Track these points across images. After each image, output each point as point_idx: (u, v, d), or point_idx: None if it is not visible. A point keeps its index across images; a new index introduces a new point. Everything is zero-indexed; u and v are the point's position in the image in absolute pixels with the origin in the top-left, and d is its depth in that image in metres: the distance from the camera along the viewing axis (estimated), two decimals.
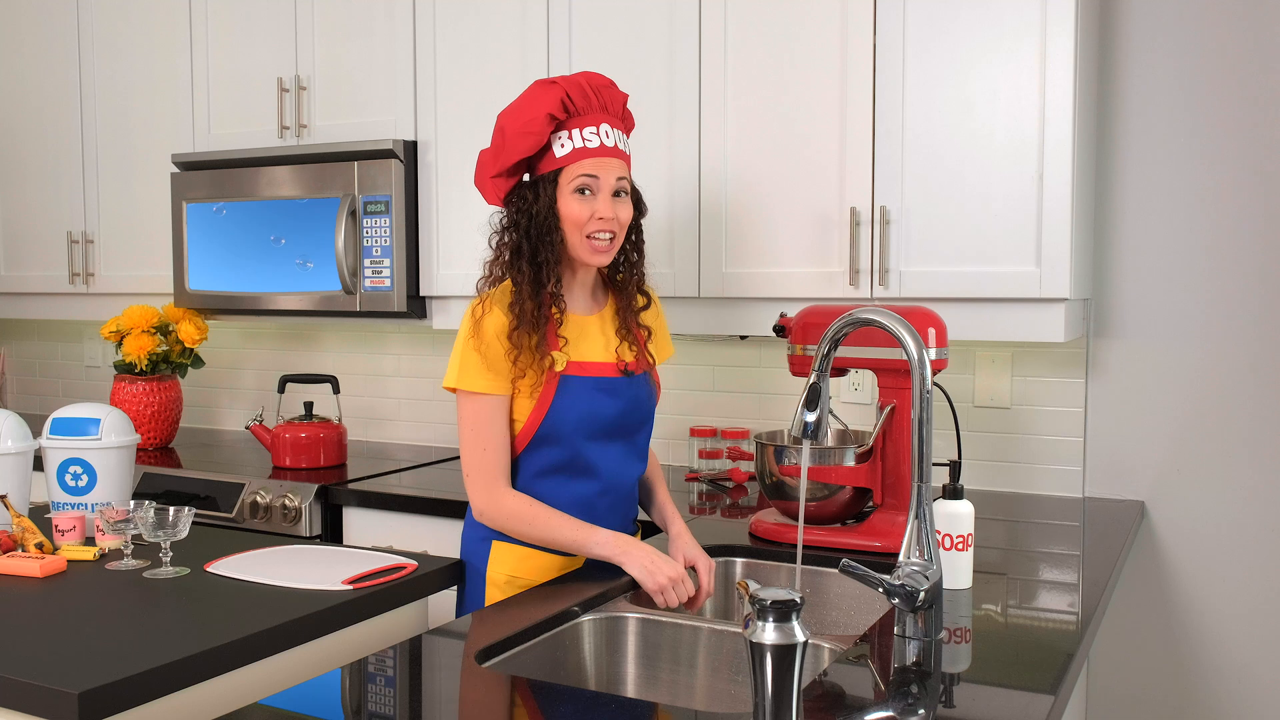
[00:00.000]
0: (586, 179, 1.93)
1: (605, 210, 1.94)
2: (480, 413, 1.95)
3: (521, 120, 1.93)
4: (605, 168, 1.94)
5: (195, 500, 2.93)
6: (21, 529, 1.99)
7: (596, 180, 1.93)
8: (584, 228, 1.94)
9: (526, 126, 1.92)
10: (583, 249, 1.95)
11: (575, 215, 1.93)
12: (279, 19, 3.21)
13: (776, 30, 2.55)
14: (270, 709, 1.33)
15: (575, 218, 1.93)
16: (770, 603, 1.22)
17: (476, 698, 1.39)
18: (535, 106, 1.93)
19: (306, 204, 3.09)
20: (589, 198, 1.94)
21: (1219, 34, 2.53)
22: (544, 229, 1.94)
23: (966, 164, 2.38)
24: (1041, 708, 1.34)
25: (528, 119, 1.93)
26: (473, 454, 1.96)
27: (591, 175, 1.93)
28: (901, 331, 1.59)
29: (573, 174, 1.93)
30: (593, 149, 1.93)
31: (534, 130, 1.92)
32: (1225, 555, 2.58)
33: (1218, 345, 2.57)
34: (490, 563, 2.00)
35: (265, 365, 3.78)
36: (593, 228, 1.94)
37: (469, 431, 1.97)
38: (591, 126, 1.94)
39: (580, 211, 1.93)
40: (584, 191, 1.93)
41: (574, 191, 1.93)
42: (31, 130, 3.77)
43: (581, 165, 1.93)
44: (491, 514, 1.95)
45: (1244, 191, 2.53)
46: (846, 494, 2.17)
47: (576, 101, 1.93)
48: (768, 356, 2.98)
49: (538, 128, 1.92)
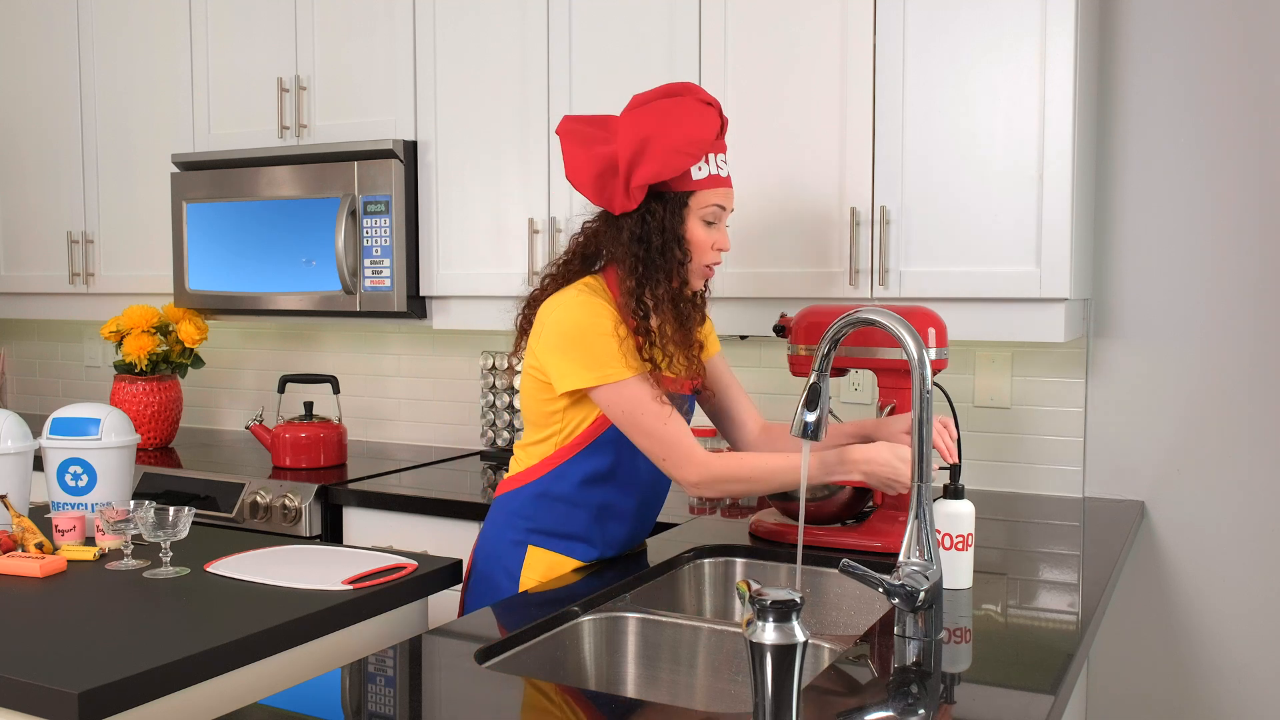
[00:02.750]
0: (717, 209, 1.95)
1: (726, 242, 1.98)
2: (640, 394, 1.89)
3: (680, 138, 1.88)
4: (728, 199, 1.97)
5: (195, 500, 2.93)
6: (21, 529, 1.99)
7: (724, 211, 1.96)
8: (706, 256, 1.96)
9: (689, 146, 1.88)
10: (698, 274, 1.98)
11: (702, 241, 1.95)
12: (279, 19, 3.21)
13: (776, 30, 2.55)
14: (270, 709, 1.33)
15: (701, 244, 1.95)
16: (770, 603, 1.22)
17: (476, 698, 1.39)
18: (698, 126, 1.89)
19: (306, 204, 3.10)
20: (714, 227, 1.96)
21: (1219, 34, 2.53)
22: (673, 247, 1.93)
23: (967, 164, 2.38)
24: (1041, 708, 1.34)
25: (689, 139, 1.88)
26: (658, 431, 1.89)
27: (721, 206, 1.95)
28: (901, 331, 1.59)
29: (706, 201, 1.94)
30: (724, 178, 1.95)
31: (695, 151, 1.89)
32: (1225, 555, 2.58)
33: (1218, 345, 2.57)
34: (525, 567, 2.00)
35: (265, 365, 3.78)
36: (712, 258, 1.97)
37: (642, 416, 1.89)
38: (722, 154, 1.96)
39: (706, 239, 1.95)
40: (711, 221, 1.96)
41: (705, 219, 1.95)
42: (31, 130, 3.77)
43: (716, 194, 1.94)
44: (710, 485, 1.90)
45: (1244, 191, 2.54)
46: (846, 494, 2.17)
47: (722, 127, 1.94)
48: (768, 356, 2.98)
49: (699, 149, 1.89)
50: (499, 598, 2.00)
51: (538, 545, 2.00)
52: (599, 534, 2.02)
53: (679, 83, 1.96)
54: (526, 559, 1.99)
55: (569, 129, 1.97)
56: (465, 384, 3.42)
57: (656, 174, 1.88)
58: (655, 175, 1.88)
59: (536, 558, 1.99)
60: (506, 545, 2.02)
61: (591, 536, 2.02)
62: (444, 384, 3.45)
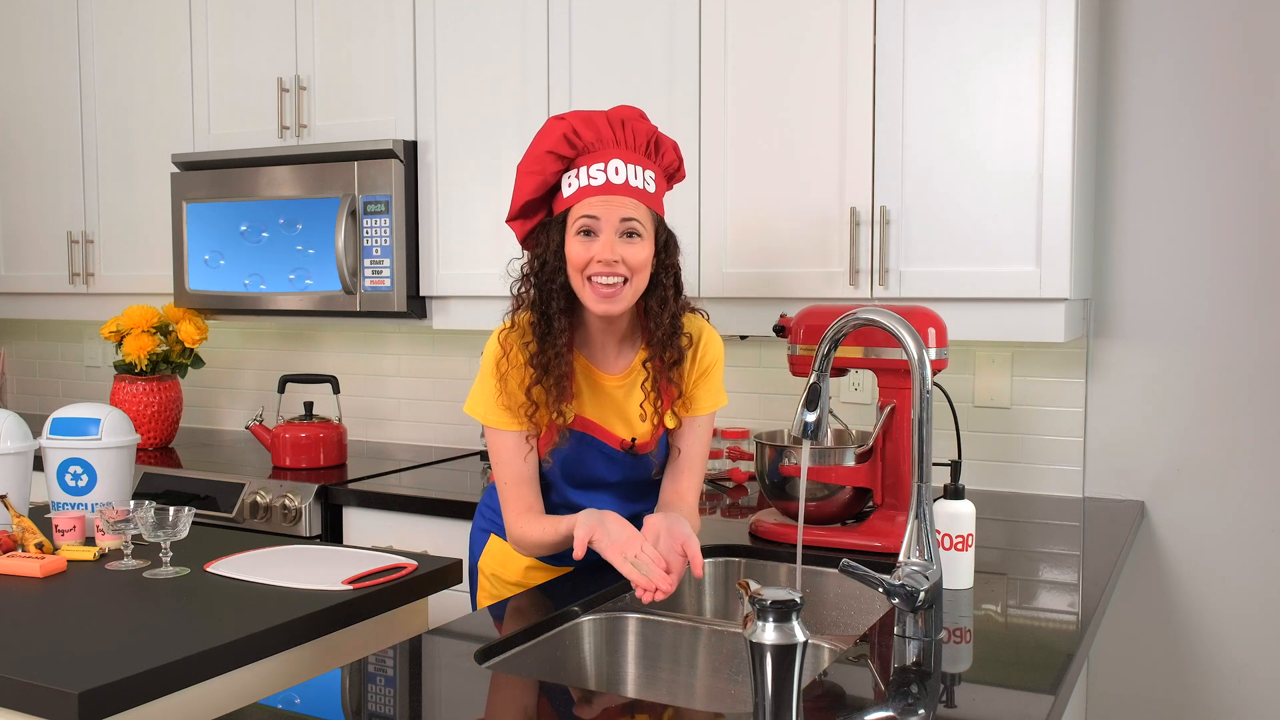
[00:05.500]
0: (587, 220, 1.77)
1: (605, 252, 1.76)
2: (504, 447, 1.89)
3: (528, 158, 1.83)
4: (610, 206, 1.77)
5: (195, 500, 2.93)
6: (21, 529, 1.99)
7: (598, 221, 1.77)
8: (584, 270, 1.78)
9: (530, 165, 1.82)
10: (587, 294, 1.79)
11: (575, 258, 1.78)
12: (279, 19, 3.21)
13: (776, 30, 2.55)
14: (270, 709, 1.33)
15: (575, 260, 1.78)
16: (770, 603, 1.22)
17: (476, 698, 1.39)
18: (539, 143, 1.82)
19: (306, 204, 3.09)
20: (591, 239, 1.78)
21: (1219, 34, 2.53)
22: (553, 271, 1.82)
23: (966, 164, 2.38)
24: (1041, 708, 1.34)
25: (532, 156, 1.83)
26: (503, 487, 1.91)
27: (591, 216, 1.77)
28: (901, 331, 1.59)
29: (576, 215, 1.79)
30: (596, 187, 1.77)
31: (536, 169, 1.81)
32: (1225, 555, 2.58)
33: (1218, 345, 2.57)
34: (483, 555, 2.06)
35: (265, 365, 3.78)
36: (591, 270, 1.77)
37: (495, 463, 1.91)
38: (600, 163, 1.78)
39: (580, 254, 1.78)
40: (587, 233, 1.78)
41: (577, 233, 1.79)
42: (31, 130, 3.77)
43: (584, 205, 1.78)
44: (519, 547, 1.92)
45: (1244, 191, 2.53)
46: (846, 494, 2.17)
47: (584, 136, 1.79)
48: (768, 356, 2.98)
49: (539, 166, 1.81)
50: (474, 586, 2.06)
51: (498, 534, 2.04)
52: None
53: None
54: (486, 546, 2.05)
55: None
56: (465, 384, 3.42)
57: (516, 199, 1.85)
58: (513, 205, 1.86)
59: (495, 546, 2.04)
60: (477, 533, 2.10)
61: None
62: (444, 384, 3.45)
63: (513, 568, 2.01)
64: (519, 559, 2.00)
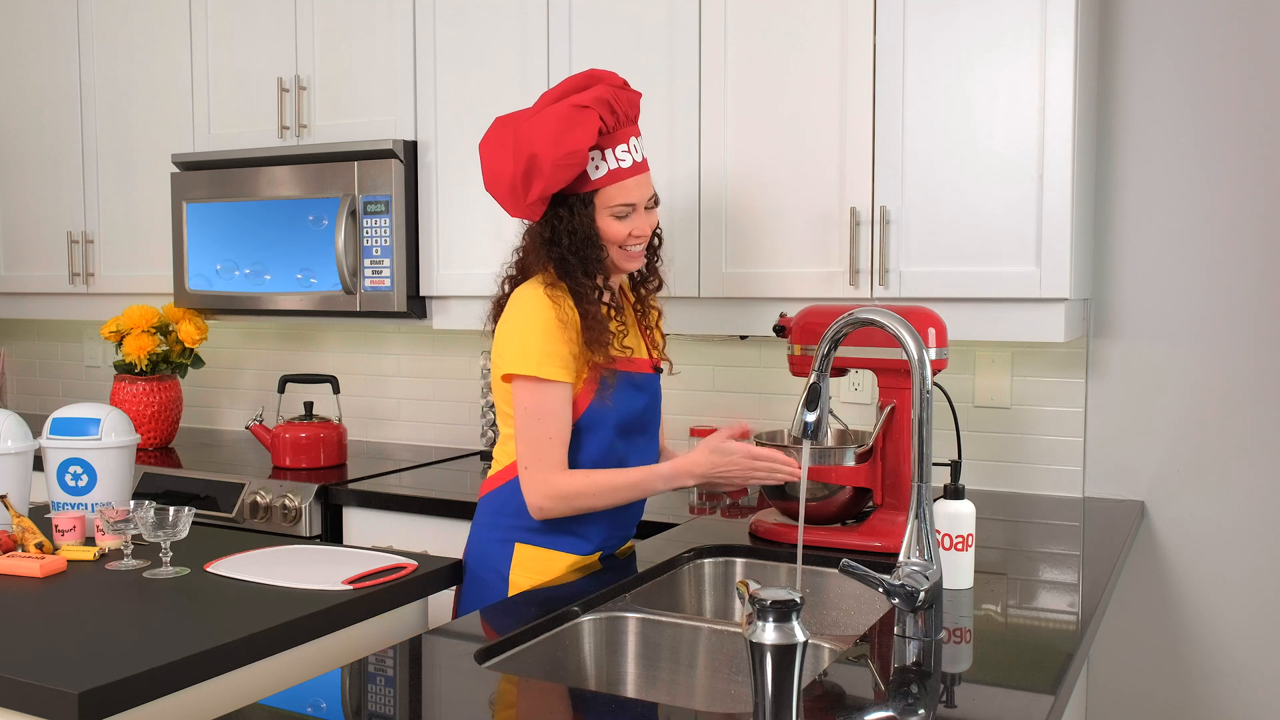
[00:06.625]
0: (625, 207, 1.98)
1: (643, 229, 2.01)
2: (552, 402, 1.94)
3: (562, 151, 1.90)
4: (640, 187, 1.99)
5: (195, 500, 2.93)
6: (21, 529, 1.99)
7: (632, 208, 1.99)
8: (624, 244, 2.01)
9: (568, 159, 1.90)
10: (621, 259, 2.02)
11: (616, 234, 1.99)
12: (279, 19, 3.21)
13: (776, 30, 2.55)
14: (270, 709, 1.33)
15: (615, 236, 1.99)
16: (770, 603, 1.22)
17: (476, 698, 1.39)
18: (575, 138, 1.90)
19: (306, 204, 3.10)
20: (627, 219, 1.99)
21: (1219, 34, 2.53)
22: (587, 246, 1.98)
23: (966, 164, 2.38)
24: (1041, 708, 1.34)
25: (568, 151, 1.90)
26: (537, 444, 1.94)
27: (628, 204, 1.98)
28: (901, 331, 1.59)
29: (611, 199, 1.97)
30: (626, 169, 1.97)
31: (575, 163, 1.91)
32: (1225, 555, 2.58)
33: (1217, 345, 2.57)
34: (514, 566, 2.00)
35: (265, 365, 3.78)
36: (630, 243, 2.01)
37: (534, 422, 1.94)
38: (623, 144, 1.97)
39: (620, 231, 1.99)
40: (623, 216, 1.99)
41: (614, 215, 1.98)
42: (31, 130, 3.77)
43: (622, 190, 1.97)
44: (554, 506, 1.94)
45: (1244, 191, 2.53)
46: (846, 494, 2.17)
47: (608, 123, 1.94)
48: (768, 356, 2.98)
49: (580, 160, 1.91)
50: (492, 599, 2.00)
51: (525, 542, 2.00)
52: (583, 526, 2.02)
53: (580, 75, 1.99)
54: (515, 557, 2.00)
55: (489, 137, 2.01)
56: (465, 384, 3.42)
57: (545, 189, 1.94)
58: (545, 190, 1.94)
59: (525, 555, 2.00)
60: (494, 545, 2.03)
61: (577, 529, 2.01)
62: (444, 384, 3.46)
63: (554, 568, 2.00)
64: (559, 561, 1.99)
